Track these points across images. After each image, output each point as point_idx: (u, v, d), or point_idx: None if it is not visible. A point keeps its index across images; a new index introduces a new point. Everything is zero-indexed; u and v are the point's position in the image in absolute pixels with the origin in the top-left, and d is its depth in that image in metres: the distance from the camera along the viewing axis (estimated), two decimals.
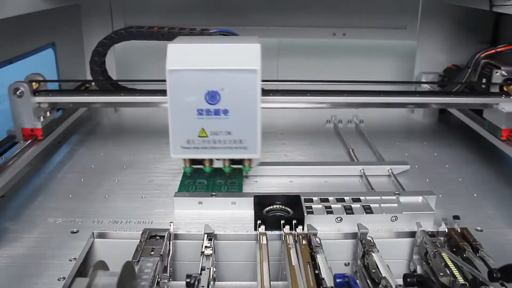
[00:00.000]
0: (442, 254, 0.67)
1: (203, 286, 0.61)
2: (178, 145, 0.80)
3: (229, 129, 0.79)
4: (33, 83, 0.96)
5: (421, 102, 1.04)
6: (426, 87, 1.32)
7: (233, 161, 0.85)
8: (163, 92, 0.80)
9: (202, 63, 0.77)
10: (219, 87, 0.77)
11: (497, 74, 1.04)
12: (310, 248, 0.69)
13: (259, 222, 0.75)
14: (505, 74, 1.03)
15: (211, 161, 0.84)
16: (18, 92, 0.92)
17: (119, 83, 1.10)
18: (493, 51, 1.09)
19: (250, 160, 0.84)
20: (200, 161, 0.85)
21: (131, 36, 1.00)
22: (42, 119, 0.96)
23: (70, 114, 1.13)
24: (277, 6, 1.42)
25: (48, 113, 0.98)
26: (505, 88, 1.00)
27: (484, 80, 1.08)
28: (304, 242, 0.70)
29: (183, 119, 0.79)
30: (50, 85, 1.02)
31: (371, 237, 0.72)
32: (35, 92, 0.95)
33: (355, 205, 0.80)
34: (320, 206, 0.80)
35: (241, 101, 0.78)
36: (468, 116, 1.12)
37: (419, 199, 0.83)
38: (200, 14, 1.41)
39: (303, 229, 0.74)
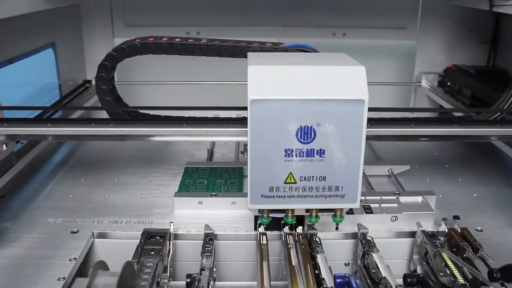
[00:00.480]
0: (442, 254, 0.67)
1: (203, 286, 0.61)
2: (258, 194, 0.65)
3: (324, 174, 0.65)
4: None
5: (464, 134, 0.81)
6: (425, 86, 1.32)
7: (321, 209, 0.69)
8: (186, 122, 0.69)
9: (293, 92, 0.62)
10: (315, 122, 0.62)
11: None
12: (310, 248, 0.69)
13: (259, 222, 0.75)
14: None
15: (294, 210, 0.69)
16: None
17: (139, 110, 0.90)
18: None
19: (342, 209, 0.69)
20: (282, 210, 0.69)
21: (147, 49, 0.82)
22: None
23: (33, 147, 0.94)
24: (277, 6, 1.42)
25: (4, 146, 0.77)
26: None
27: None
28: (304, 242, 0.70)
29: (267, 162, 0.64)
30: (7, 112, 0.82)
31: (371, 237, 0.72)
32: None
33: None
34: None
35: (341, 139, 0.63)
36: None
37: (419, 199, 0.83)
38: (200, 14, 1.41)
39: (303, 229, 0.74)
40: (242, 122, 0.73)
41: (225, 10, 1.41)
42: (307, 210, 0.69)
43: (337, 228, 0.72)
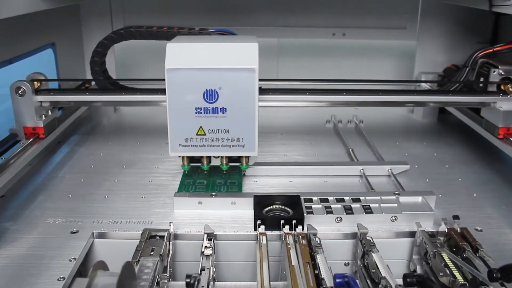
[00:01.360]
0: (442, 254, 0.67)
1: (203, 286, 0.61)
2: (176, 143, 0.82)
3: (227, 127, 0.81)
4: (35, 82, 0.96)
5: (419, 101, 1.05)
6: (425, 86, 1.32)
7: (231, 159, 0.87)
8: (163, 91, 0.81)
9: (200, 62, 0.78)
10: (217, 85, 0.78)
11: (495, 73, 1.05)
12: (310, 248, 0.69)
13: (259, 222, 0.75)
14: (503, 73, 1.04)
15: (209, 159, 0.86)
16: (20, 91, 0.93)
17: (120, 82, 1.11)
18: (491, 50, 1.09)
19: (247, 158, 0.86)
20: (198, 159, 0.86)
21: (130, 36, 1.00)
22: (43, 117, 0.96)
23: (70, 114, 1.13)
24: (277, 6, 1.42)
25: (49, 112, 0.99)
26: (502, 87, 1.01)
27: (481, 79, 1.09)
28: (304, 242, 0.70)
29: (181, 117, 0.80)
30: (51, 84, 1.03)
31: (371, 237, 0.72)
32: (37, 91, 0.96)
33: (355, 205, 0.80)
34: (320, 206, 0.80)
35: (239, 99, 0.79)
36: (466, 115, 1.13)
37: (419, 199, 0.83)
38: (200, 14, 1.41)
39: (303, 229, 0.74)
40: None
41: (225, 10, 1.41)
42: (221, 161, 0.86)
43: (244, 175, 0.94)
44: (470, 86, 1.14)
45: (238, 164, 0.88)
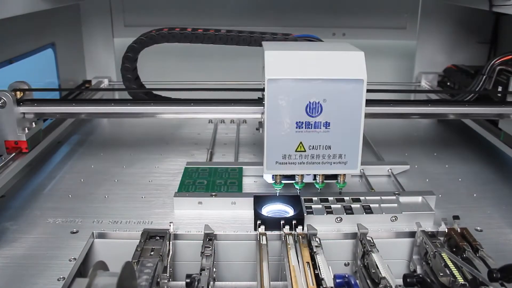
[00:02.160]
0: (442, 254, 0.67)
1: (203, 286, 0.61)
2: (273, 161, 0.76)
3: (329, 143, 0.75)
4: (17, 92, 0.89)
5: (432, 113, 0.95)
6: (425, 86, 1.32)
7: (326, 177, 0.81)
8: (195, 102, 0.79)
9: (303, 72, 0.72)
10: (322, 98, 0.73)
11: None
12: (310, 248, 0.69)
13: (259, 222, 0.75)
14: None
15: (303, 176, 0.80)
16: (0, 102, 0.86)
17: (154, 92, 1.02)
18: (510, 57, 1.03)
19: (345, 175, 0.80)
20: (291, 176, 0.81)
21: (163, 38, 0.93)
22: (27, 130, 0.89)
23: (58, 124, 1.06)
24: (277, 6, 1.42)
25: (33, 124, 0.92)
26: None
27: (500, 88, 1.02)
28: (304, 242, 0.70)
29: (280, 132, 0.74)
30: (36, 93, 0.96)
31: (371, 237, 0.72)
32: (19, 102, 0.89)
33: (355, 205, 0.80)
34: (320, 206, 0.80)
35: (344, 113, 0.73)
36: (483, 127, 1.06)
37: (419, 199, 0.83)
38: (200, 14, 1.41)
39: (303, 229, 0.74)
40: (256, 102, 0.86)
41: (225, 10, 1.41)
42: (314, 178, 0.80)
43: (340, 193, 0.83)
44: (487, 95, 1.08)
45: (334, 181, 0.81)
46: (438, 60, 1.39)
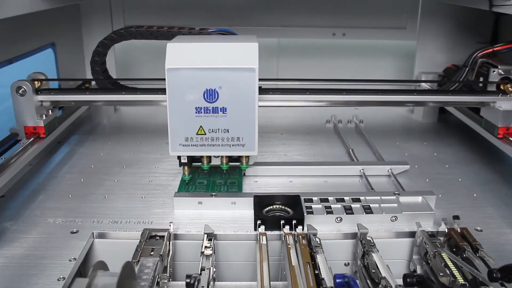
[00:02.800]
0: (442, 254, 0.67)
1: (203, 286, 0.61)
2: (177, 143, 0.82)
3: (227, 127, 0.81)
4: (35, 82, 0.97)
5: (419, 100, 1.05)
6: (425, 86, 1.32)
7: (231, 159, 0.88)
8: (163, 91, 0.81)
9: (200, 62, 0.78)
10: (218, 85, 0.79)
11: (494, 73, 1.05)
12: (310, 248, 0.69)
13: (259, 222, 0.75)
14: (502, 72, 1.05)
15: (209, 158, 0.87)
16: (20, 91, 0.93)
17: (120, 82, 1.11)
18: (490, 50, 1.10)
19: (247, 157, 0.87)
20: (199, 159, 0.87)
21: (130, 35, 1.00)
22: (44, 117, 0.97)
23: (71, 114, 1.14)
24: (277, 6, 1.42)
25: (50, 112, 1.00)
26: (501, 87, 1.01)
27: (481, 79, 1.09)
28: (304, 242, 0.70)
29: (182, 117, 0.80)
30: (51, 84, 1.03)
31: (371, 237, 0.72)
32: (37, 91, 0.96)
33: (355, 205, 0.80)
34: (320, 206, 0.80)
35: (239, 99, 0.79)
36: (466, 115, 1.13)
37: (419, 199, 0.83)
38: (200, 14, 1.41)
39: (303, 229, 0.74)
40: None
41: (225, 10, 1.41)
42: (221, 160, 0.86)
43: (244, 174, 0.93)
44: (469, 85, 1.14)
45: (238, 163, 0.88)
46: (438, 60, 1.39)
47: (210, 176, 0.93)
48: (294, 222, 0.74)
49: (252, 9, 1.41)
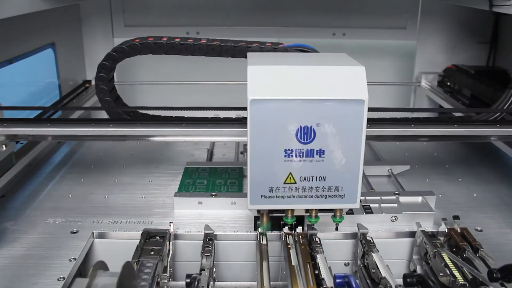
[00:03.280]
0: (442, 254, 0.67)
1: (203, 286, 0.61)
2: (258, 194, 0.65)
3: (324, 174, 0.64)
4: None
5: (465, 134, 0.81)
6: (425, 86, 1.32)
7: (320, 210, 0.69)
8: (186, 122, 0.70)
9: (294, 92, 0.61)
10: (315, 122, 0.62)
11: None
12: (310, 248, 0.69)
13: (259, 222, 0.75)
14: None
15: (293, 210, 0.69)
16: None
17: (140, 111, 0.89)
18: None
19: (341, 209, 0.69)
20: (281, 210, 0.69)
21: (146, 49, 0.82)
22: None
23: (32, 147, 0.94)
24: (277, 6, 1.42)
25: (3, 147, 0.78)
26: None
27: None
28: (304, 242, 0.70)
29: (266, 162, 0.63)
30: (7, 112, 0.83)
31: (371, 237, 0.72)
32: None
33: None
34: None
35: (341, 139, 0.62)
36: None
37: (419, 199, 0.83)
38: (200, 14, 1.41)
39: (303, 229, 0.74)
40: (241, 122, 0.74)
41: (225, 10, 1.41)
42: (307, 211, 0.68)
43: (336, 229, 0.72)
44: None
45: (330, 214, 0.69)
46: (438, 60, 1.39)
47: (210, 176, 0.93)
48: (294, 222, 0.74)
49: (252, 9, 1.41)
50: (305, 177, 0.64)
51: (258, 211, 0.69)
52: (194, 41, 0.82)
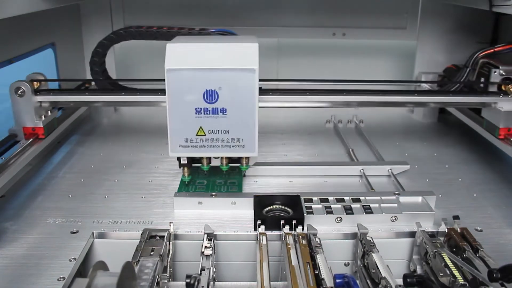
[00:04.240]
0: (442, 254, 0.67)
1: (203, 286, 0.61)
2: (176, 144, 0.82)
3: (227, 128, 0.81)
4: (34, 83, 0.96)
5: (420, 101, 1.04)
6: (425, 86, 1.32)
7: (231, 160, 0.87)
8: (163, 92, 0.81)
9: (200, 63, 0.78)
10: (217, 86, 0.78)
11: (495, 73, 1.05)
12: (310, 248, 0.69)
13: (259, 222, 0.75)
14: (503, 73, 1.04)
15: (209, 160, 0.86)
16: (19, 92, 0.93)
17: (119, 82, 1.10)
18: (492, 50, 1.09)
19: (247, 158, 0.86)
20: (199, 160, 0.86)
21: (130, 36, 1.00)
22: (43, 118, 0.97)
23: (70, 114, 1.14)
24: (277, 6, 1.42)
25: (49, 112, 0.99)
26: (503, 87, 1.01)
27: (482, 80, 1.09)
28: (304, 242, 0.70)
29: (181, 118, 0.80)
30: (50, 84, 1.02)
31: (371, 237, 0.72)
32: (36, 92, 0.96)
33: (355, 205, 0.80)
34: (320, 206, 0.80)
35: (239, 100, 0.79)
36: (467, 116, 1.13)
37: (419, 199, 0.83)
38: (200, 14, 1.41)
39: (303, 229, 0.74)
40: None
41: (225, 10, 1.41)
42: (221, 161, 0.86)
43: (244, 175, 0.93)
44: (470, 86, 1.14)
45: (238, 164, 0.88)
46: (438, 60, 1.39)
47: (210, 176, 0.93)
48: (294, 222, 0.74)
49: (252, 9, 1.41)
50: (212, 130, 0.81)
51: (179, 161, 0.85)
52: (147, 28, 0.99)
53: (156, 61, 0.87)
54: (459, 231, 0.73)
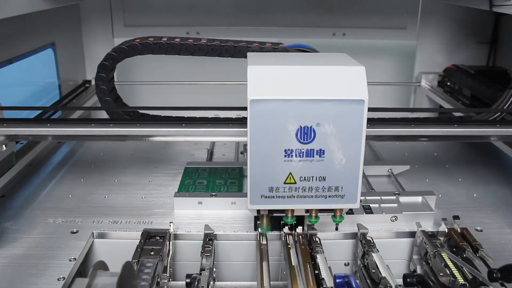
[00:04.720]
0: (442, 254, 0.67)
1: (202, 286, 0.61)
2: (257, 194, 0.65)
3: (324, 174, 0.64)
4: None
5: (461, 135, 0.79)
6: (426, 86, 1.32)
7: (320, 210, 0.69)
8: (186, 122, 0.70)
9: (294, 92, 0.61)
10: (315, 122, 0.61)
11: None
12: (310, 248, 0.69)
13: (259, 222, 0.75)
14: None
15: (293, 210, 0.68)
16: None
17: (140, 111, 0.90)
18: None
19: (341, 209, 0.68)
20: (281, 210, 0.69)
21: (146, 49, 0.83)
22: None
23: (33, 147, 0.95)
24: (277, 6, 1.42)
25: (3, 147, 0.76)
26: None
27: None
28: (304, 242, 0.70)
29: (266, 161, 0.63)
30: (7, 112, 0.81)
31: (371, 237, 0.72)
32: None
33: None
34: None
35: (341, 139, 0.62)
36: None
37: (419, 199, 0.83)
38: (199, 14, 1.41)
39: (303, 229, 0.74)
40: (241, 122, 0.74)
41: (225, 10, 1.41)
42: (307, 211, 0.68)
43: (336, 229, 0.72)
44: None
45: (330, 214, 0.69)
46: (438, 60, 1.39)
47: (210, 176, 0.93)
48: (294, 222, 0.74)
49: (252, 9, 1.41)
50: (305, 177, 0.64)
51: (258, 211, 0.69)
52: (194, 41, 0.82)
53: (156, 61, 0.86)
54: (459, 231, 0.73)
